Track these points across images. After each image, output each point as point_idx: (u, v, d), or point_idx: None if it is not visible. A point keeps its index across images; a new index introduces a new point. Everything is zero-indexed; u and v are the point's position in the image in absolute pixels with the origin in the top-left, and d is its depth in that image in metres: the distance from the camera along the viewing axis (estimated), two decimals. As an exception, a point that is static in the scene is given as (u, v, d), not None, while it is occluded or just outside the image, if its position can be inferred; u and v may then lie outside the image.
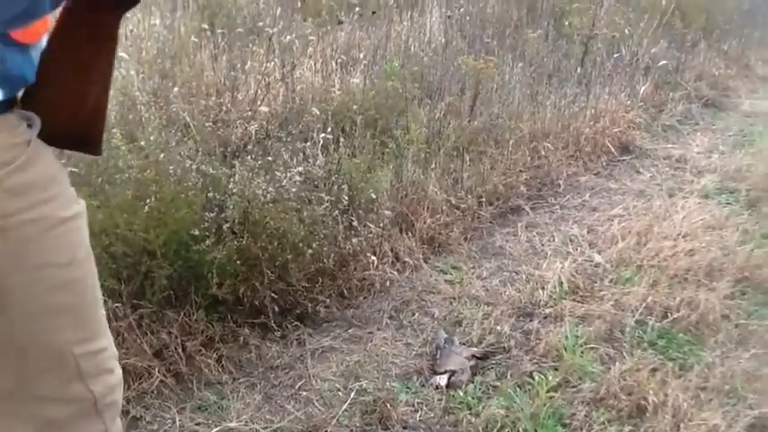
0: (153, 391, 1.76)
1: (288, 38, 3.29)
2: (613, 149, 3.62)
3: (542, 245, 2.71)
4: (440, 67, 3.50)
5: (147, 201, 1.83)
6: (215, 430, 1.67)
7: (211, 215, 1.99)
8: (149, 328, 1.85)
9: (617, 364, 1.96)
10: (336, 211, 2.31)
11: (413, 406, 1.81)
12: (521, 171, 3.11)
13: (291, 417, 1.76)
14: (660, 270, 2.45)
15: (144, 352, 1.79)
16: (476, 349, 2.02)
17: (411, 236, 2.53)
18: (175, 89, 2.71)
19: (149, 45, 3.16)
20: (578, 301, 2.30)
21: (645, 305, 2.24)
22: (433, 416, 1.79)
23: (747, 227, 2.84)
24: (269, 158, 2.35)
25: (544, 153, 3.29)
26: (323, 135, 2.59)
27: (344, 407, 1.79)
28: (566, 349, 2.03)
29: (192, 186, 2.01)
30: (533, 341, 2.09)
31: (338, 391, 1.86)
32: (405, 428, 1.75)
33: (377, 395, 1.83)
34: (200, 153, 2.35)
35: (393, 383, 1.90)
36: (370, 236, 2.38)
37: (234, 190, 2.12)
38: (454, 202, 2.77)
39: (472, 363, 1.95)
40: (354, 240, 2.31)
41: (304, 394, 1.84)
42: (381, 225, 2.41)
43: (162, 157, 2.02)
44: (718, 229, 2.81)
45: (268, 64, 3.10)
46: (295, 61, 3.26)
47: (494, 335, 2.09)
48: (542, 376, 1.91)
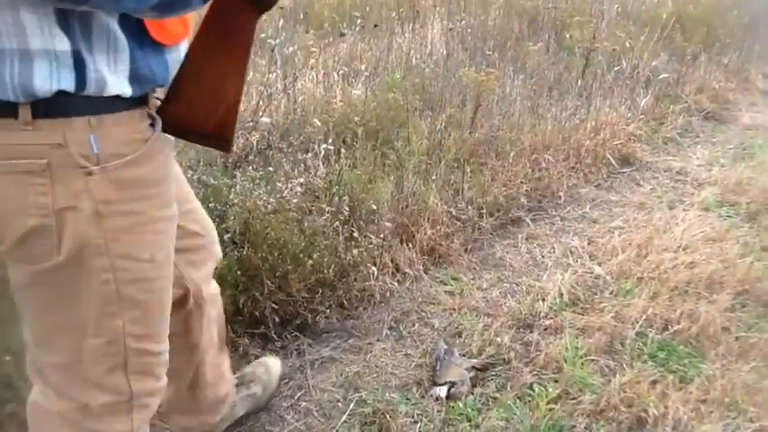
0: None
1: (290, 49, 3.31)
2: (614, 162, 3.62)
3: (543, 256, 2.71)
4: (441, 79, 3.51)
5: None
6: (214, 440, 1.67)
7: (212, 225, 1.99)
8: (149, 337, 1.85)
9: (617, 376, 1.96)
10: (337, 222, 2.32)
11: (412, 417, 1.81)
12: (521, 183, 3.11)
13: (291, 427, 1.76)
14: (660, 282, 2.45)
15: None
16: (476, 360, 2.01)
17: (411, 247, 2.53)
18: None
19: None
20: (578, 313, 2.30)
21: (645, 317, 2.24)
22: (432, 427, 1.78)
23: (747, 240, 2.84)
24: (270, 169, 2.36)
25: (545, 165, 3.30)
26: (324, 146, 2.60)
27: (344, 418, 1.79)
28: (566, 361, 2.03)
29: (194, 196, 2.01)
30: (533, 353, 2.08)
31: (338, 401, 1.86)
32: (404, 440, 1.75)
33: (376, 406, 1.82)
34: (201, 163, 2.36)
35: (393, 394, 1.89)
36: (371, 246, 2.38)
37: (235, 200, 2.13)
38: (455, 213, 2.77)
39: (472, 374, 1.95)
40: (355, 251, 2.31)
41: (303, 405, 1.84)
42: (382, 236, 2.42)
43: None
44: (718, 241, 2.81)
45: (270, 75, 3.11)
46: (297, 72, 3.28)
47: (494, 346, 2.09)
48: (542, 388, 1.91)
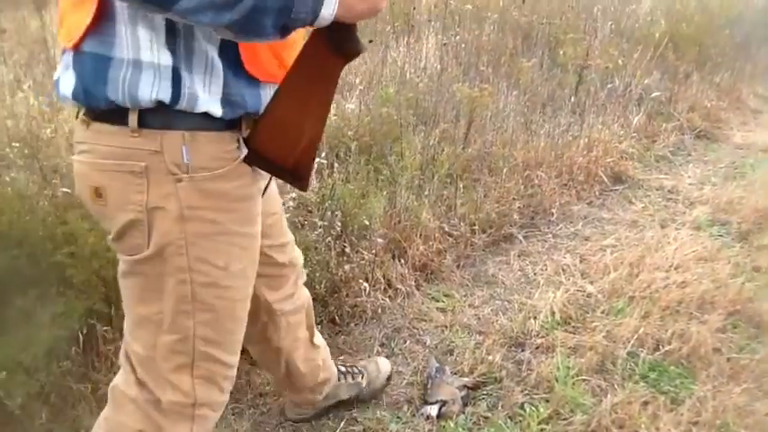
0: (139, 417, 1.73)
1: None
2: (606, 179, 3.63)
3: (535, 274, 2.71)
4: (435, 94, 3.51)
5: (139, 224, 1.81)
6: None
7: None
8: (138, 352, 1.83)
9: (608, 396, 1.95)
10: (329, 237, 2.31)
11: (402, 436, 1.80)
12: (514, 199, 3.11)
13: (279, 446, 1.75)
14: (652, 302, 2.45)
15: (131, 377, 1.77)
16: (467, 379, 2.00)
17: (404, 263, 2.52)
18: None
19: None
20: (570, 332, 2.29)
21: (637, 337, 2.23)
22: (422, 447, 1.77)
23: (739, 260, 2.85)
24: (263, 183, 2.35)
25: (537, 182, 3.30)
26: (317, 160, 2.59)
27: (333, 436, 1.78)
28: (557, 380, 2.02)
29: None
30: (525, 372, 2.08)
31: (328, 419, 1.84)
32: (394, 459, 1.73)
33: (366, 425, 1.81)
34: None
35: (383, 413, 1.88)
36: (363, 262, 2.37)
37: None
38: (447, 229, 2.77)
39: (463, 393, 1.93)
40: (347, 266, 2.30)
41: (292, 424, 1.82)
42: (374, 251, 2.41)
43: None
44: (710, 261, 2.81)
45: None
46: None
47: (485, 364, 2.08)
48: (533, 408, 1.90)
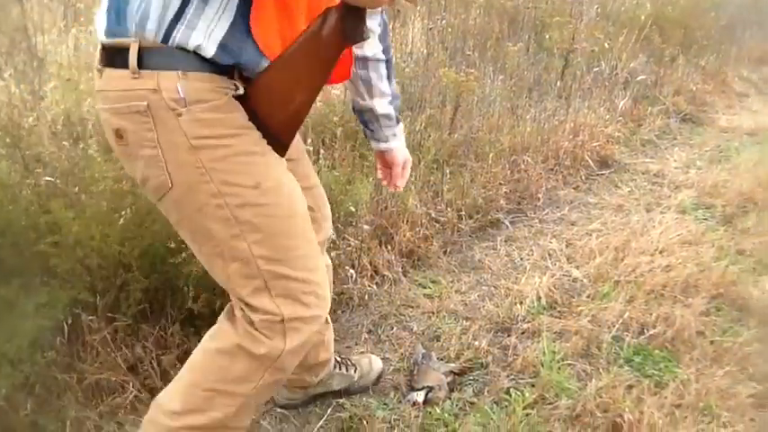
0: (127, 406, 1.73)
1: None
2: (592, 163, 3.65)
3: (521, 259, 2.72)
4: (421, 79, 3.50)
5: (123, 212, 1.80)
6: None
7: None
8: (124, 341, 1.82)
9: (593, 380, 1.97)
10: (315, 224, 2.30)
11: (389, 423, 1.80)
12: (500, 184, 3.12)
13: (267, 433, 1.75)
14: (637, 286, 2.47)
15: (118, 366, 1.76)
16: (453, 365, 2.01)
17: (390, 249, 2.52)
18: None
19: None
20: (556, 317, 2.31)
21: (621, 321, 2.25)
22: (409, 433, 1.78)
23: (723, 243, 2.88)
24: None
25: (524, 167, 3.31)
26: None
27: (321, 423, 1.78)
28: (543, 365, 2.04)
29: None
30: (511, 357, 2.09)
31: (315, 406, 1.85)
32: (381, 446, 1.74)
33: (353, 411, 1.81)
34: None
35: (370, 399, 1.88)
36: (349, 249, 2.37)
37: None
38: (434, 215, 2.77)
39: (449, 379, 1.94)
40: (333, 254, 2.29)
41: (279, 410, 1.83)
42: (360, 238, 2.41)
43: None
44: (694, 244, 2.84)
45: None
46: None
47: (471, 350, 2.09)
48: (519, 393, 1.92)
